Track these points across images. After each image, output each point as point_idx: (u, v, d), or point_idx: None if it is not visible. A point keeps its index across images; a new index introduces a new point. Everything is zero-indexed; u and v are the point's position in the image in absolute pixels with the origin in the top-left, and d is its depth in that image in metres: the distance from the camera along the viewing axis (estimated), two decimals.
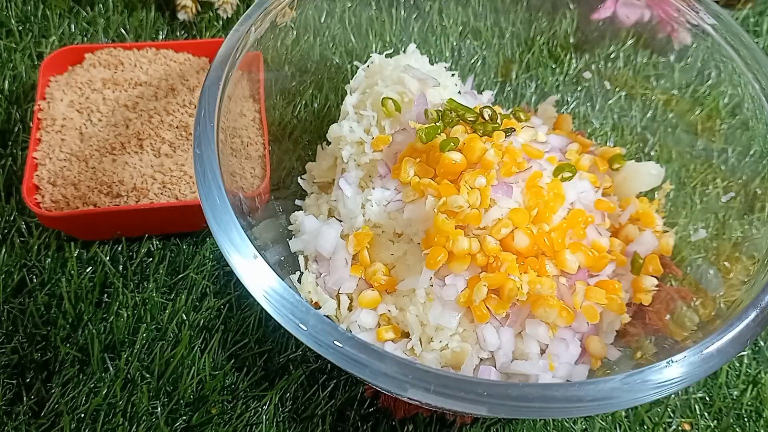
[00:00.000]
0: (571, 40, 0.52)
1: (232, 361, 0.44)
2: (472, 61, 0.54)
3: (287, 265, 0.42)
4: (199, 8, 0.63)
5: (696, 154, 0.47)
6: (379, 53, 0.49)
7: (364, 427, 0.42)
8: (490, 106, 0.45)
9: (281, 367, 0.44)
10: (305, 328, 0.30)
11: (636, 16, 0.48)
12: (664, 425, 0.43)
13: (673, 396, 0.44)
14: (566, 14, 0.51)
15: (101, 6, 0.63)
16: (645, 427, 0.43)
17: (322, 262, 0.42)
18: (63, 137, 0.49)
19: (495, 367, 0.38)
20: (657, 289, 0.42)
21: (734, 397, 0.44)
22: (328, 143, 0.48)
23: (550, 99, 0.53)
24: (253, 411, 0.42)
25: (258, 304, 0.31)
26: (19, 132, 0.53)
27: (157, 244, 0.49)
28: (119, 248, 0.48)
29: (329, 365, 0.44)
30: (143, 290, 0.47)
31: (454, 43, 0.54)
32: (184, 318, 0.45)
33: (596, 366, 0.40)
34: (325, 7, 0.48)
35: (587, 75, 0.52)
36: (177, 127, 0.50)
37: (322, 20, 0.48)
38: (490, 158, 0.39)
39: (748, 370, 0.45)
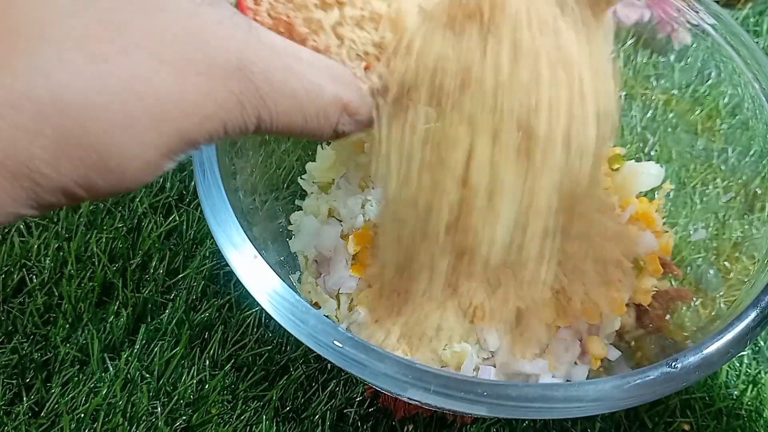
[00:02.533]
0: None
1: (232, 361, 0.44)
2: None
3: (287, 265, 0.42)
4: None
5: (696, 154, 0.47)
6: None
7: (364, 427, 0.42)
8: None
9: (281, 367, 0.44)
10: (305, 328, 0.30)
11: (636, 16, 0.48)
12: (664, 425, 0.43)
13: (673, 396, 0.44)
14: None
15: None
16: (645, 427, 0.43)
17: (322, 262, 0.42)
18: None
19: (495, 367, 0.38)
20: (657, 289, 0.42)
21: (734, 397, 0.44)
22: (328, 143, 0.48)
23: None
24: (253, 411, 0.42)
25: (258, 304, 0.31)
26: None
27: (157, 245, 0.49)
28: (118, 246, 0.48)
29: (329, 365, 0.44)
30: (143, 290, 0.47)
31: None
32: (184, 318, 0.45)
33: (596, 366, 0.40)
34: None
35: None
36: None
37: None
38: None
39: (748, 370, 0.45)
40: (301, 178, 0.48)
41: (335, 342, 0.29)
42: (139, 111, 0.21)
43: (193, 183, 0.52)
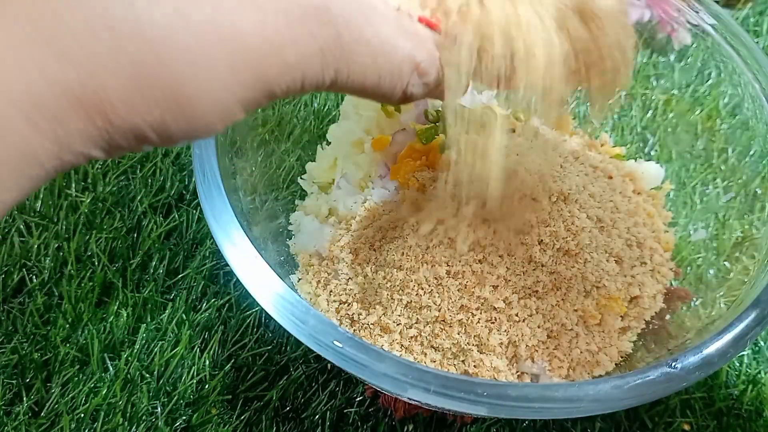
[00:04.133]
0: None
1: (232, 361, 0.44)
2: None
3: (287, 265, 0.42)
4: None
5: (696, 154, 0.47)
6: None
7: (364, 427, 0.42)
8: (490, 106, 0.45)
9: (281, 367, 0.44)
10: (305, 328, 0.30)
11: (636, 16, 0.48)
12: (664, 425, 0.43)
13: (673, 396, 0.44)
14: None
15: None
16: (645, 427, 0.43)
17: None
18: None
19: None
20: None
21: (734, 397, 0.44)
22: (328, 143, 0.48)
23: None
24: (253, 411, 0.42)
25: (258, 303, 0.31)
26: None
27: (157, 245, 0.49)
28: (118, 246, 0.48)
29: (329, 365, 0.44)
30: (143, 290, 0.47)
31: None
32: (184, 318, 0.45)
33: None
34: None
35: None
36: None
37: None
38: None
39: (748, 370, 0.45)
40: (301, 178, 0.48)
41: (335, 342, 0.29)
42: (218, 50, 0.20)
43: (193, 183, 0.52)
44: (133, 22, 0.18)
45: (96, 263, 0.48)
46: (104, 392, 0.42)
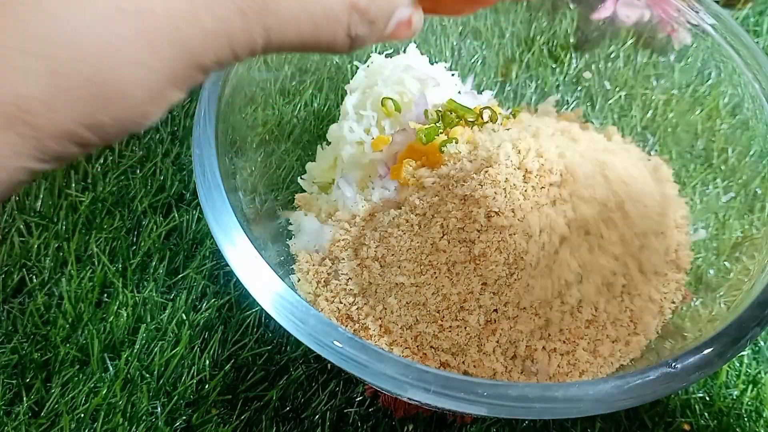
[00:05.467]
0: (571, 40, 0.52)
1: (232, 360, 0.44)
2: (472, 61, 0.54)
3: (287, 265, 0.42)
4: None
5: (696, 154, 0.47)
6: (379, 53, 0.49)
7: (364, 427, 0.42)
8: (490, 106, 0.45)
9: (281, 367, 0.44)
10: (305, 328, 0.30)
11: (636, 16, 0.48)
12: (664, 425, 0.43)
13: (673, 396, 0.44)
14: (566, 14, 0.51)
15: None
16: (645, 427, 0.43)
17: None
18: None
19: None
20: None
21: (734, 397, 0.44)
22: (328, 143, 0.48)
23: (550, 99, 0.53)
24: (253, 411, 0.42)
25: (258, 304, 0.31)
26: None
27: (157, 245, 0.49)
28: (118, 246, 0.48)
29: (329, 365, 0.44)
30: (143, 290, 0.47)
31: (454, 43, 0.54)
32: (184, 318, 0.45)
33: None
34: None
35: (587, 75, 0.52)
36: None
37: None
38: None
39: (748, 370, 0.45)
40: (301, 178, 0.48)
41: (335, 342, 0.29)
42: (130, 31, 0.19)
43: (193, 183, 0.52)
44: (38, 21, 0.18)
45: (96, 263, 0.48)
46: (104, 392, 0.42)
